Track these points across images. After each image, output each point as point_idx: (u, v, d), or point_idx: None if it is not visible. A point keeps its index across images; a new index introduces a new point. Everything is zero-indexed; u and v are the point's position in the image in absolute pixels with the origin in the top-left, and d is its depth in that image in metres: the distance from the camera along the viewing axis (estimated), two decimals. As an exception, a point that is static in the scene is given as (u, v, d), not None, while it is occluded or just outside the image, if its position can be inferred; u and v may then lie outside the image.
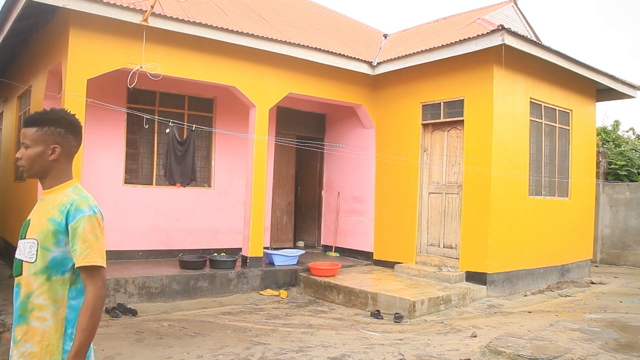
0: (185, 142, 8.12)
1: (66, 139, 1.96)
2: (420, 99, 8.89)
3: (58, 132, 1.94)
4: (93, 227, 1.86)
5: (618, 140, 14.53)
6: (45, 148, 1.93)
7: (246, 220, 8.28)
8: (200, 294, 7.42)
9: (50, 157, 1.93)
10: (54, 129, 1.93)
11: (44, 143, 1.93)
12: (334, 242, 10.59)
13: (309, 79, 8.87)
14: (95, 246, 1.85)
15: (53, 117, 1.95)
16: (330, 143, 10.59)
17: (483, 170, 7.78)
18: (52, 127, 1.93)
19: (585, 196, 9.94)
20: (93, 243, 1.84)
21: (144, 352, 4.87)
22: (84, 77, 6.74)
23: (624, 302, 7.63)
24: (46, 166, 1.95)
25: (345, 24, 12.09)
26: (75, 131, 2.00)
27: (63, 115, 1.98)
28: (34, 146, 1.93)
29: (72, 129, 1.99)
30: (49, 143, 1.93)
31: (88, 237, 1.84)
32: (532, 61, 8.15)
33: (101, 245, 1.88)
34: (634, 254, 11.63)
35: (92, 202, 1.93)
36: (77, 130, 2.01)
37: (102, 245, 1.89)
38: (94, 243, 1.85)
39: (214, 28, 7.40)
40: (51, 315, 1.84)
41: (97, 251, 1.85)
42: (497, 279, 7.85)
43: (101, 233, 1.90)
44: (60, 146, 1.94)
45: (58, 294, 1.86)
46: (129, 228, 8.53)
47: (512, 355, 4.77)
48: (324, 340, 5.45)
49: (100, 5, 6.51)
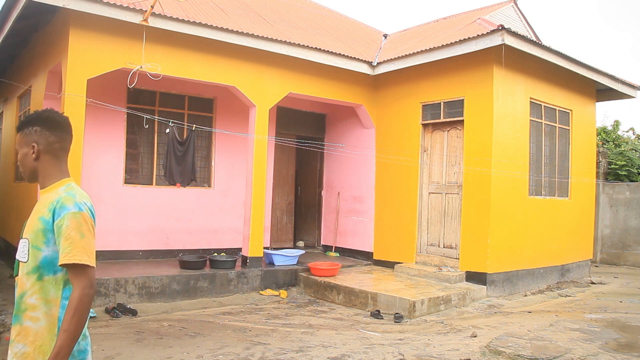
0: (185, 142, 8.12)
1: (42, 135, 1.95)
2: (420, 99, 8.89)
3: (34, 130, 1.95)
4: (78, 224, 1.82)
5: (618, 140, 14.53)
6: (27, 149, 1.96)
7: (246, 220, 8.28)
8: (200, 294, 7.42)
9: (32, 156, 1.95)
10: (30, 128, 1.96)
11: (26, 144, 1.96)
12: (334, 242, 10.59)
13: (309, 79, 8.87)
14: (79, 243, 1.79)
15: (30, 117, 1.98)
16: (330, 143, 10.59)
17: (483, 170, 7.78)
18: (29, 127, 1.96)
19: (585, 196, 9.94)
20: (77, 240, 1.80)
21: (144, 352, 4.87)
22: (84, 77, 6.74)
23: (624, 302, 7.63)
24: (32, 167, 1.97)
25: (345, 24, 12.09)
26: (52, 127, 1.97)
27: (40, 114, 1.99)
28: (20, 149, 1.98)
29: (48, 125, 1.97)
30: (28, 143, 1.96)
31: (71, 234, 1.79)
32: (532, 61, 8.15)
33: (87, 243, 1.82)
34: (634, 254, 11.63)
35: (80, 200, 1.88)
36: (55, 125, 1.98)
37: (88, 242, 1.82)
38: (77, 240, 1.80)
39: (214, 28, 7.40)
40: (43, 315, 1.83)
41: (81, 249, 1.79)
42: (497, 279, 7.85)
43: (88, 231, 1.84)
44: (38, 144, 1.95)
45: (50, 294, 1.84)
46: (129, 228, 8.53)
47: (512, 355, 4.77)
48: (324, 340, 5.45)
49: (100, 5, 6.50)
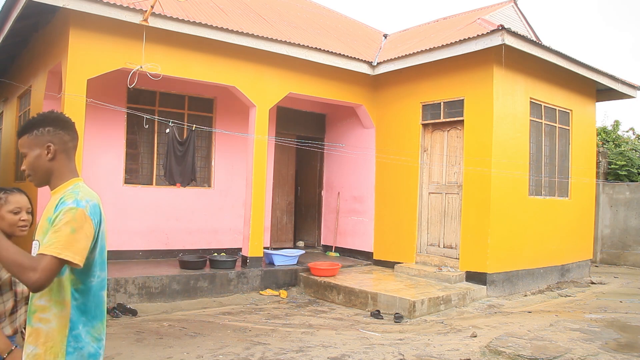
0: (185, 142, 8.12)
1: (57, 135, 1.94)
2: (420, 99, 8.89)
3: (47, 130, 1.93)
4: (71, 219, 1.76)
5: (618, 140, 14.53)
6: (41, 149, 1.92)
7: (246, 220, 8.28)
8: (200, 294, 7.42)
9: (48, 156, 1.93)
10: (43, 129, 1.93)
11: (38, 145, 1.92)
12: (334, 242, 10.59)
13: (309, 79, 8.86)
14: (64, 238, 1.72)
15: (39, 119, 1.96)
16: (330, 143, 10.59)
17: (483, 170, 7.78)
18: (40, 128, 1.94)
19: (585, 196, 9.94)
20: (65, 235, 1.72)
21: (144, 352, 4.87)
22: (84, 77, 6.74)
23: (624, 302, 7.63)
24: (47, 167, 1.94)
25: (345, 24, 12.09)
26: (64, 126, 1.97)
27: (48, 115, 1.99)
28: (30, 151, 1.93)
29: (61, 124, 1.97)
30: (42, 143, 1.92)
31: (61, 228, 1.74)
32: (532, 61, 8.15)
33: (75, 240, 1.73)
34: (634, 254, 11.63)
35: (82, 197, 1.84)
36: (66, 125, 1.98)
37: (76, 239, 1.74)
38: (64, 235, 1.72)
39: (214, 28, 7.39)
40: (53, 316, 1.81)
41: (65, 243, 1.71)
42: (497, 279, 7.85)
43: (81, 228, 1.76)
44: (53, 143, 1.93)
45: (60, 295, 1.82)
46: (129, 228, 8.53)
47: (512, 355, 4.77)
48: (324, 340, 5.45)
49: (100, 5, 6.50)
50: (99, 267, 1.90)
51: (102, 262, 1.94)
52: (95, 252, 1.88)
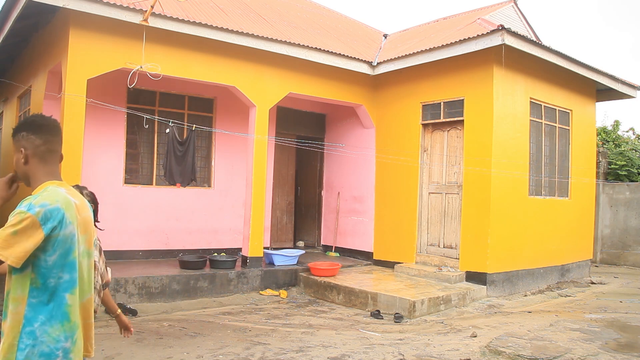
0: (185, 142, 8.12)
1: (29, 140, 1.99)
2: (420, 99, 8.89)
3: (22, 135, 1.99)
4: (17, 222, 1.77)
5: (618, 140, 14.53)
6: (18, 154, 2.00)
7: (246, 220, 8.28)
8: (200, 294, 7.42)
9: (22, 161, 1.99)
10: (18, 134, 2.00)
11: (16, 149, 2.01)
12: (334, 242, 10.59)
13: (309, 79, 8.87)
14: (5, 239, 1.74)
15: (18, 124, 2.03)
16: (330, 143, 10.59)
17: (483, 170, 7.78)
18: (17, 133, 2.01)
19: (585, 196, 9.94)
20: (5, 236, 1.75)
21: (144, 352, 4.87)
22: (84, 77, 6.74)
23: (624, 302, 7.63)
24: (23, 171, 2.00)
25: (345, 24, 12.09)
26: (36, 130, 1.99)
27: (26, 119, 2.04)
28: (14, 155, 2.02)
29: (33, 129, 2.00)
30: (17, 148, 2.00)
31: (5, 229, 1.77)
32: (532, 61, 8.15)
33: (16, 242, 1.75)
34: (634, 254, 11.63)
35: (38, 202, 1.84)
36: (39, 129, 2.00)
37: (17, 242, 1.75)
38: (5, 236, 1.75)
39: (214, 28, 7.40)
40: (9, 313, 1.85)
41: (3, 243, 1.74)
42: (497, 279, 7.85)
43: (24, 232, 1.77)
44: (25, 148, 1.98)
45: (18, 292, 1.85)
46: (129, 228, 8.53)
47: (512, 355, 4.77)
48: (324, 340, 5.45)
49: (100, 5, 6.51)
50: (60, 268, 1.88)
51: (68, 265, 1.90)
52: (55, 254, 1.86)
